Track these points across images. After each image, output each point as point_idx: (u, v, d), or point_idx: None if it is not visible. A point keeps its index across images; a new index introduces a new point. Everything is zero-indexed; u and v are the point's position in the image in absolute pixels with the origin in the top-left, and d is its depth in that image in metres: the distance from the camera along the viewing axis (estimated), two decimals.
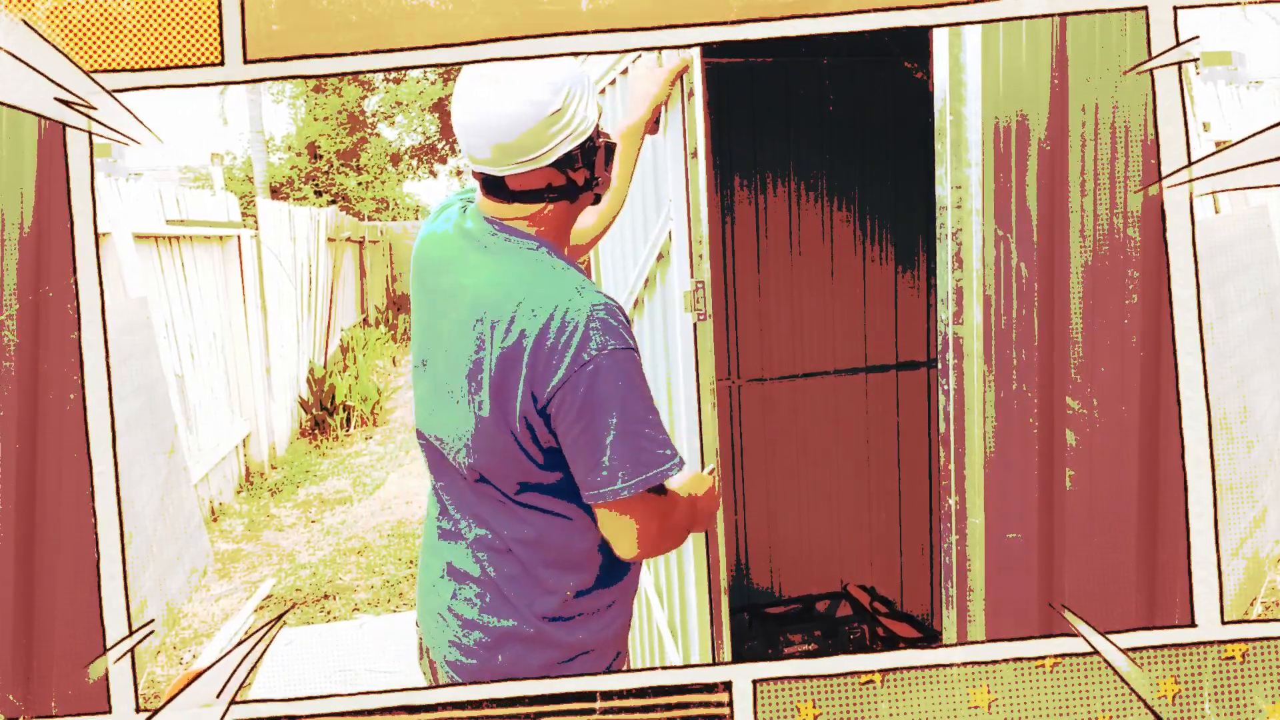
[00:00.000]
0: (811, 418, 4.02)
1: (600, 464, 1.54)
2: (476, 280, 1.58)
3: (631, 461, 1.54)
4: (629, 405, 1.55)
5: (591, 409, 1.53)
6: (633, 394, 1.55)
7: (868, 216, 3.96)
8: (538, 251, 1.59)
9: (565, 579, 1.62)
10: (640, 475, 1.55)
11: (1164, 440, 1.56)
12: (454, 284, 1.60)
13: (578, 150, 1.56)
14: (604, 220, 2.09)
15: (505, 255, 1.58)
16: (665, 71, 2.17)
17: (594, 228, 2.07)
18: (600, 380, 1.53)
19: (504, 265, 1.57)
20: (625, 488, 1.55)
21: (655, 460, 1.56)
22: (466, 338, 1.56)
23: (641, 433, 1.55)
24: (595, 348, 1.52)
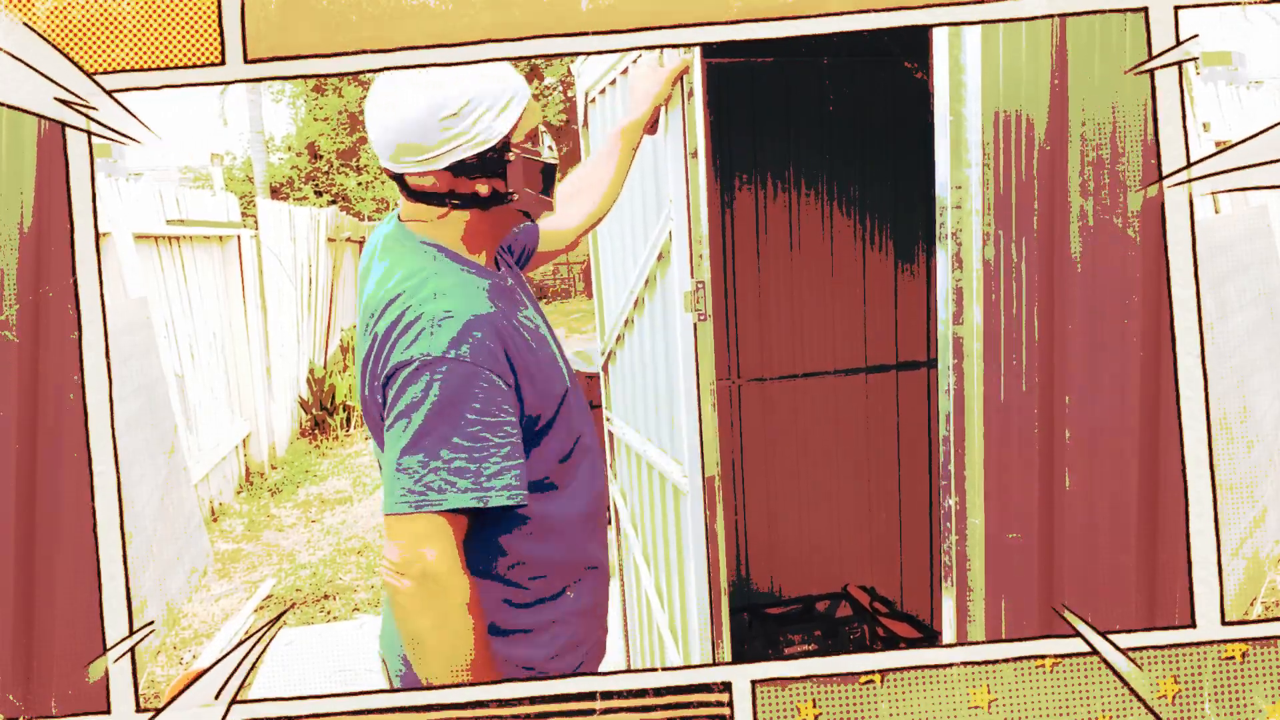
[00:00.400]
0: (811, 418, 4.02)
1: (390, 469, 1.49)
2: (372, 282, 1.61)
3: (408, 480, 1.46)
4: (432, 421, 1.47)
5: (397, 410, 1.48)
6: (444, 411, 1.47)
7: (868, 216, 3.96)
8: (427, 253, 1.59)
9: (491, 589, 1.59)
10: (406, 497, 1.46)
11: (1164, 440, 1.56)
12: (363, 288, 1.64)
13: (476, 159, 1.55)
14: (594, 216, 2.09)
15: (398, 255, 1.60)
16: (667, 71, 2.18)
17: (581, 224, 2.07)
18: (413, 385, 1.48)
19: (392, 265, 1.59)
20: (394, 503, 1.47)
21: (432, 489, 1.46)
22: (363, 340, 1.59)
23: (436, 454, 1.46)
24: (422, 350, 1.48)
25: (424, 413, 1.47)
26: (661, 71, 2.18)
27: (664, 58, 2.21)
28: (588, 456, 1.72)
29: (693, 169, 2.20)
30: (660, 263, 2.51)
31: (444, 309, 1.51)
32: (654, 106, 2.19)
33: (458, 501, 1.46)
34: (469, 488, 1.47)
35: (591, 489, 1.72)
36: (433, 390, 1.47)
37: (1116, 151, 1.56)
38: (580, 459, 1.70)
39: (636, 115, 2.18)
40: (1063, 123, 1.58)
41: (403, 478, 1.47)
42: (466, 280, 1.58)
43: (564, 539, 1.66)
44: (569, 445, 1.67)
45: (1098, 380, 1.60)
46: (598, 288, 3.46)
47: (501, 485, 1.49)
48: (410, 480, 1.46)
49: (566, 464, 1.67)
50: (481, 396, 1.49)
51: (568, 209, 2.03)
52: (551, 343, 1.70)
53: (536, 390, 1.59)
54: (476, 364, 1.49)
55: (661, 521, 2.71)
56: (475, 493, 1.47)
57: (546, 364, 1.63)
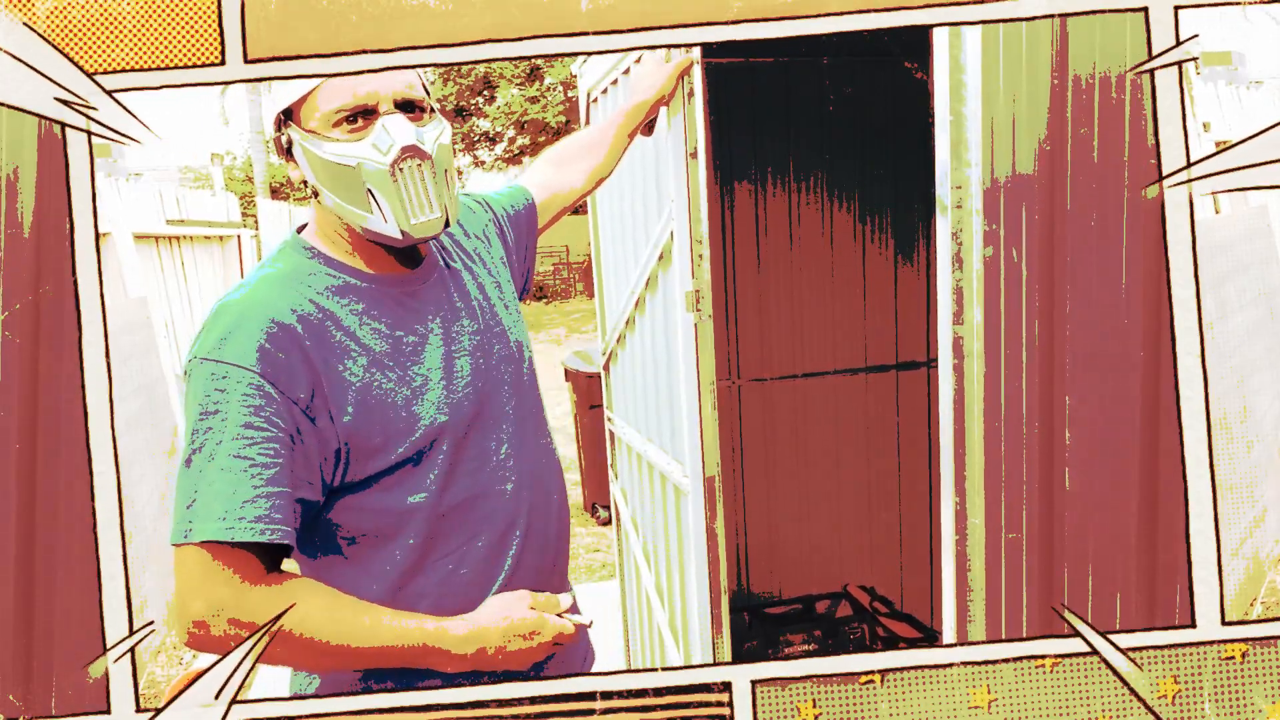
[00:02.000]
0: (812, 418, 4.02)
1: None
2: None
3: (181, 504, 1.27)
4: (196, 436, 1.28)
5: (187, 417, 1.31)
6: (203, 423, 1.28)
7: (868, 216, 3.96)
8: (286, 247, 1.47)
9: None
10: (179, 524, 1.27)
11: (1164, 440, 1.56)
12: None
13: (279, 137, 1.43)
14: (598, 173, 1.97)
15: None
16: (672, 66, 2.17)
17: (587, 184, 1.95)
18: (187, 392, 1.32)
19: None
20: (171, 530, 1.28)
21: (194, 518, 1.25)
22: None
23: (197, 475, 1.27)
24: (195, 351, 1.32)
25: (192, 424, 1.29)
26: (667, 66, 2.17)
27: (669, 55, 2.21)
28: (472, 529, 1.42)
29: (693, 169, 2.20)
30: (661, 263, 2.51)
31: (229, 304, 1.34)
32: (658, 96, 2.16)
33: (206, 533, 1.25)
34: (221, 515, 1.25)
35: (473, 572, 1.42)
36: (197, 397, 1.30)
37: (1116, 151, 1.56)
38: (450, 533, 1.41)
39: (642, 100, 2.13)
40: (1063, 123, 1.58)
41: (178, 502, 1.28)
42: (293, 274, 1.39)
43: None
44: (432, 503, 1.39)
45: (1098, 380, 1.60)
46: (599, 287, 3.46)
47: (253, 516, 1.25)
48: (182, 504, 1.28)
49: (419, 528, 1.39)
50: (247, 406, 1.28)
51: (573, 167, 1.93)
52: (442, 369, 1.43)
53: (369, 419, 1.36)
54: (243, 366, 1.29)
55: (662, 521, 2.72)
56: (223, 522, 1.25)
57: (409, 390, 1.39)
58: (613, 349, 3.30)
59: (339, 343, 1.36)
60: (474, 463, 1.44)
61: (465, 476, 1.43)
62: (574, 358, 6.57)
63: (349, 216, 1.40)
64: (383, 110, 1.39)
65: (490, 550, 1.45)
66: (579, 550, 5.98)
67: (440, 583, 1.43)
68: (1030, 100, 1.60)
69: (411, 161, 1.38)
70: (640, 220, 2.70)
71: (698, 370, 2.23)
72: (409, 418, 1.39)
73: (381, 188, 1.37)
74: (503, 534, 1.46)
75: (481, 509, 1.44)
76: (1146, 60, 1.53)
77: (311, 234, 1.48)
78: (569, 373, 6.43)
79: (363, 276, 1.43)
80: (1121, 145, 1.55)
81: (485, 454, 1.45)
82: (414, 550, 1.40)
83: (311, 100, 1.40)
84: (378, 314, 1.42)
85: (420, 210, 1.39)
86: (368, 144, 1.37)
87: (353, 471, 1.37)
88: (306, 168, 1.41)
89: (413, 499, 1.39)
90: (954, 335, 1.73)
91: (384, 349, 1.40)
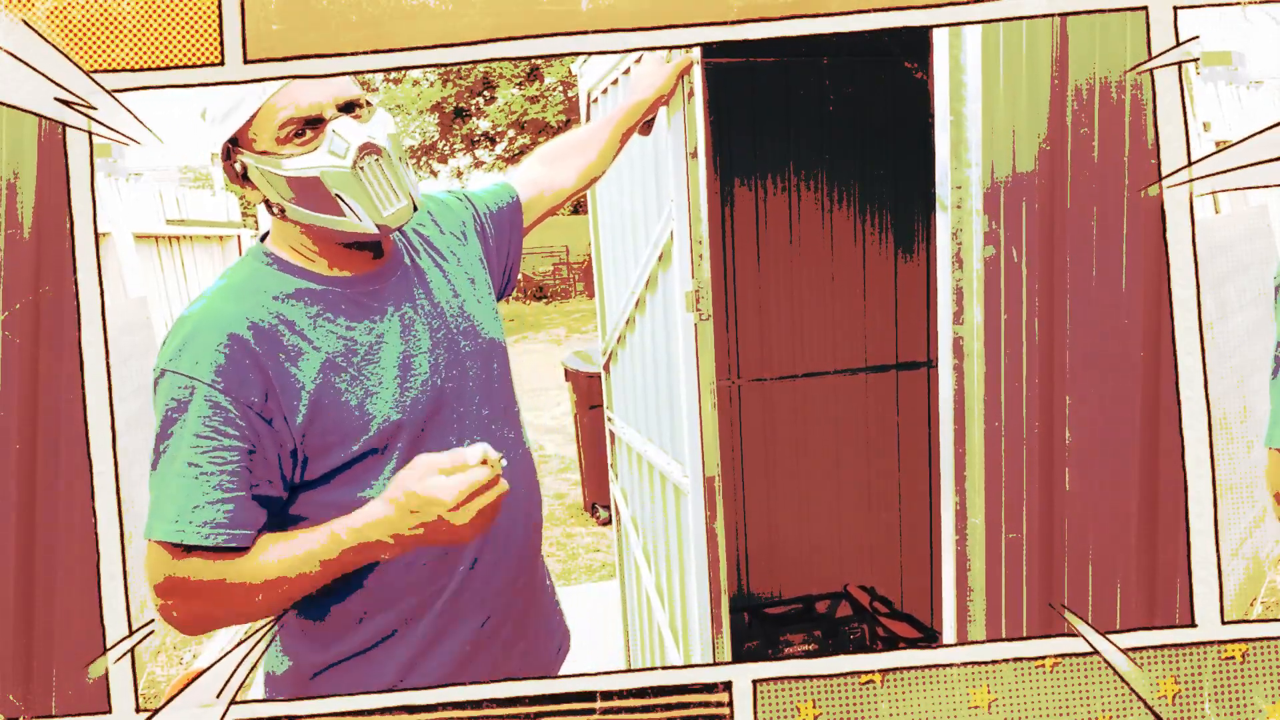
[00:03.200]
0: (812, 418, 4.02)
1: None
2: None
3: (151, 500, 1.37)
4: (158, 441, 1.37)
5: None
6: (165, 430, 1.36)
7: (868, 216, 3.96)
8: (246, 257, 1.50)
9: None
10: (147, 522, 1.37)
11: (1164, 440, 1.56)
12: None
13: (232, 164, 1.45)
14: (591, 172, 1.96)
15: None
16: (671, 67, 2.16)
17: (578, 182, 1.93)
18: (153, 401, 1.39)
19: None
20: (148, 526, 1.37)
21: (150, 517, 1.36)
22: None
23: (158, 478, 1.36)
24: (156, 363, 1.39)
25: (156, 430, 1.37)
26: (666, 66, 2.16)
27: (669, 55, 2.20)
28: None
29: (693, 169, 2.20)
30: (661, 263, 2.51)
31: (185, 316, 1.40)
32: (657, 95, 2.15)
33: (160, 533, 1.35)
34: (174, 518, 1.34)
35: (440, 561, 1.48)
36: (158, 406, 1.37)
37: (1116, 151, 1.56)
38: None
39: (641, 99, 2.11)
40: (1063, 122, 1.58)
41: (149, 501, 1.38)
42: (247, 282, 1.44)
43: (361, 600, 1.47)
44: (370, 494, 1.42)
45: (1098, 380, 1.60)
46: (599, 288, 3.46)
47: (201, 520, 1.34)
48: (150, 504, 1.37)
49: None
50: (201, 416, 1.35)
51: (564, 165, 1.92)
52: (398, 367, 1.46)
53: (324, 418, 1.41)
54: (196, 377, 1.35)
55: (662, 521, 2.72)
56: (174, 525, 1.34)
57: (362, 389, 1.43)
58: (613, 349, 3.30)
59: (291, 345, 1.40)
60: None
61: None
62: (574, 358, 6.57)
63: (322, 224, 1.43)
64: (328, 116, 1.41)
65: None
66: (579, 550, 5.98)
67: (402, 571, 1.47)
68: (1030, 100, 1.60)
69: (370, 158, 1.41)
70: (640, 220, 2.70)
71: (698, 370, 2.23)
72: (362, 416, 1.43)
73: (348, 189, 1.41)
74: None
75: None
76: (1146, 60, 1.53)
77: (273, 243, 1.51)
78: (569, 373, 6.43)
79: (320, 279, 1.47)
80: (1121, 145, 1.55)
81: (446, 450, 1.44)
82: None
83: (256, 124, 1.41)
84: (333, 315, 1.45)
85: (389, 201, 1.43)
86: (323, 152, 1.40)
87: (310, 469, 1.42)
88: (267, 187, 1.43)
89: (366, 494, 1.42)
90: (954, 335, 1.73)
91: (337, 349, 1.43)
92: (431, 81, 17.73)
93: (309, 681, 1.51)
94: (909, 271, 4.00)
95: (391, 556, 1.39)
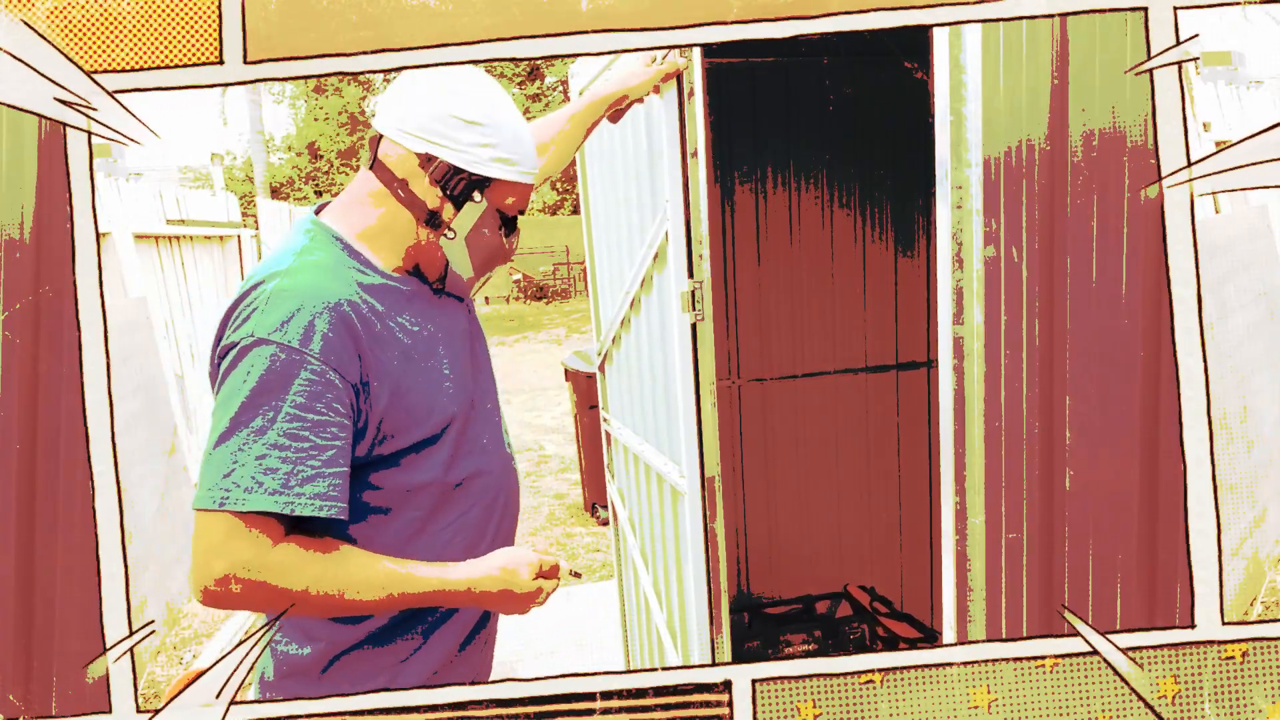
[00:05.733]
0: (812, 418, 4.02)
1: (203, 460, 1.37)
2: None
3: (215, 473, 1.34)
4: (248, 410, 1.35)
5: (219, 396, 1.37)
6: (261, 400, 1.35)
7: (868, 216, 3.96)
8: (312, 232, 1.50)
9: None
10: (211, 491, 1.34)
11: (1164, 440, 1.56)
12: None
13: (448, 171, 1.49)
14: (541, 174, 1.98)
15: (284, 236, 1.53)
16: (654, 71, 2.15)
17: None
18: (235, 368, 1.36)
19: (274, 247, 1.55)
20: (199, 496, 1.35)
21: (233, 487, 1.33)
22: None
23: (248, 447, 1.34)
24: (249, 331, 1.37)
25: (241, 399, 1.35)
26: (649, 69, 2.15)
27: (663, 59, 2.18)
28: (468, 503, 1.56)
29: (692, 169, 2.20)
30: (656, 263, 2.51)
31: (285, 287, 1.39)
32: (622, 93, 2.13)
33: (260, 504, 1.33)
34: (277, 489, 1.34)
35: (466, 538, 1.55)
36: (252, 375, 1.35)
37: (1116, 151, 1.56)
38: (451, 506, 1.54)
39: (605, 93, 2.12)
40: (1063, 122, 1.58)
41: (210, 471, 1.35)
42: (334, 264, 1.47)
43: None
44: (439, 480, 1.52)
45: (1098, 380, 1.60)
46: (593, 289, 3.46)
47: (313, 493, 1.36)
48: (218, 474, 1.34)
49: (425, 501, 1.51)
50: (307, 389, 1.35)
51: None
52: (448, 363, 1.55)
53: (400, 405, 1.46)
54: (305, 351, 1.36)
55: (660, 522, 2.72)
56: (282, 496, 1.34)
57: (428, 381, 1.50)
58: (608, 350, 3.30)
59: (380, 333, 1.46)
60: (472, 446, 1.57)
61: (466, 458, 1.56)
62: (574, 358, 6.57)
63: (450, 256, 1.55)
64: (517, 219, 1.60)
65: (480, 520, 1.58)
66: (579, 550, 5.98)
67: (440, 547, 1.54)
68: (1030, 100, 1.60)
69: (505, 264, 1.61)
70: (635, 221, 2.70)
71: (696, 370, 2.23)
72: (429, 405, 1.50)
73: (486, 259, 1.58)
74: (488, 506, 1.59)
75: (478, 485, 1.57)
76: (1146, 60, 1.53)
77: (343, 226, 1.53)
78: (569, 373, 6.43)
79: (392, 276, 1.53)
80: (1122, 145, 1.55)
81: (479, 439, 1.59)
82: (420, 521, 1.52)
83: (503, 189, 1.54)
84: (405, 310, 1.52)
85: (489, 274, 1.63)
86: (502, 235, 1.56)
87: (381, 449, 1.47)
88: (463, 219, 1.52)
89: (424, 476, 1.51)
90: (954, 335, 1.73)
91: (410, 343, 1.50)
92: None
93: (335, 662, 1.52)
94: (909, 271, 4.00)
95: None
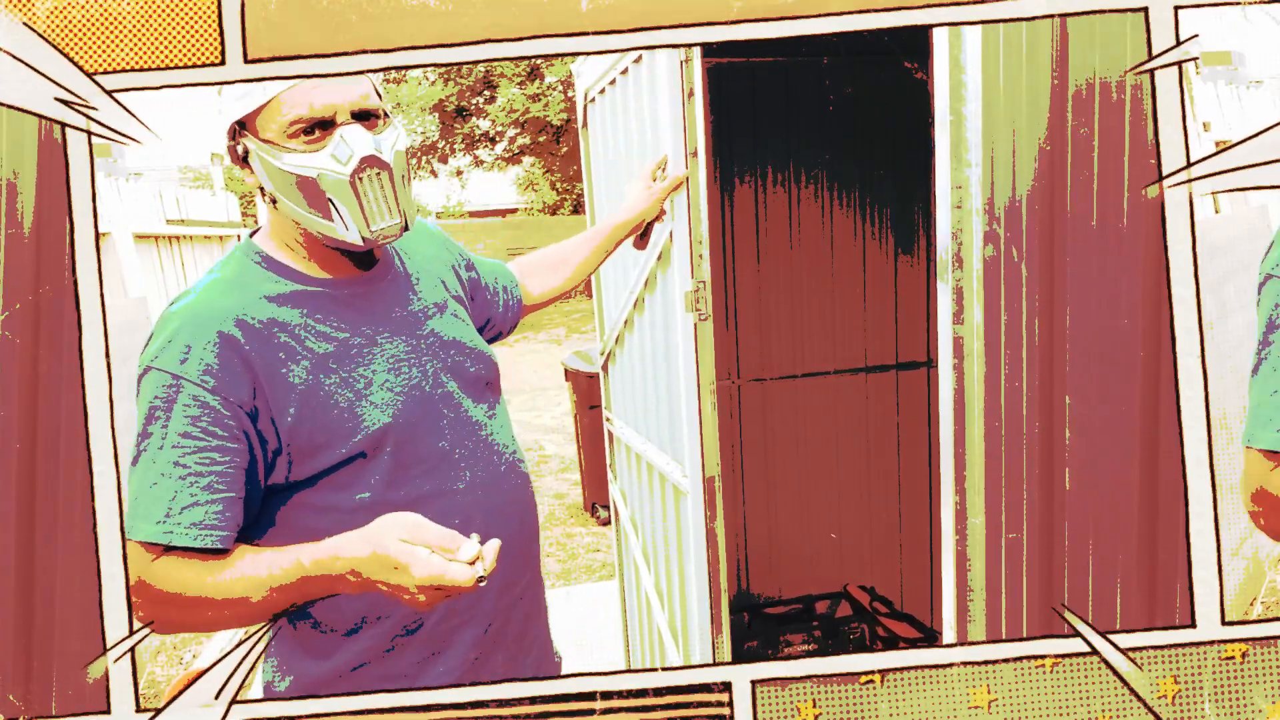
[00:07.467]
0: (811, 418, 4.02)
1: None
2: None
3: (129, 501, 1.37)
4: (140, 439, 1.36)
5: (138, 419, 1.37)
6: (147, 427, 1.35)
7: (867, 216, 3.96)
8: (235, 252, 1.49)
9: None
10: (126, 521, 1.37)
11: (1164, 440, 1.56)
12: None
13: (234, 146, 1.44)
14: (551, 294, 1.96)
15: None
16: (660, 189, 2.13)
17: (539, 298, 1.94)
18: (137, 397, 1.38)
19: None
20: (129, 526, 1.37)
21: (131, 516, 1.36)
22: None
23: (139, 476, 1.35)
24: (142, 359, 1.39)
25: (138, 428, 1.37)
26: (654, 189, 2.13)
27: (657, 174, 2.17)
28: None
29: (692, 169, 2.21)
30: (660, 263, 2.51)
31: (174, 312, 1.39)
32: (639, 218, 2.10)
33: (145, 534, 1.35)
34: (160, 518, 1.34)
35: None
36: (142, 402, 1.37)
37: (1116, 151, 1.56)
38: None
39: (623, 218, 2.09)
40: (1063, 122, 1.58)
41: (128, 499, 1.38)
42: (239, 280, 1.43)
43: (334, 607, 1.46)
44: (382, 498, 1.42)
45: (1098, 380, 1.60)
46: (597, 288, 3.46)
47: (189, 521, 1.33)
48: (129, 501, 1.37)
49: (370, 520, 1.35)
50: (184, 414, 1.34)
51: (533, 280, 1.93)
52: (386, 368, 1.46)
53: (313, 418, 1.40)
54: (183, 375, 1.35)
55: (662, 521, 2.72)
56: (163, 525, 1.34)
57: (351, 391, 1.42)
58: (611, 349, 3.30)
59: (283, 344, 1.40)
60: (425, 463, 1.47)
61: (416, 476, 1.46)
62: (574, 358, 6.57)
63: (309, 224, 1.43)
64: (340, 120, 1.41)
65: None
66: (579, 550, 5.98)
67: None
68: (1030, 100, 1.60)
69: (370, 171, 1.40)
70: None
71: (697, 370, 2.24)
72: (352, 418, 1.42)
73: (342, 197, 1.40)
74: (462, 526, 1.41)
75: (433, 507, 1.42)
76: (1146, 60, 1.53)
77: (264, 238, 1.51)
78: (569, 373, 6.43)
79: (312, 281, 1.47)
80: (1122, 145, 1.55)
81: (435, 454, 1.47)
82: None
83: (267, 111, 1.42)
84: (323, 317, 1.45)
85: (380, 217, 1.42)
86: (326, 154, 1.40)
87: (297, 470, 1.42)
88: (264, 176, 1.43)
89: (360, 496, 1.43)
90: (954, 335, 1.73)
91: (328, 351, 1.43)
92: (432, 81, 17.73)
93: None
94: (909, 271, 4.00)
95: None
